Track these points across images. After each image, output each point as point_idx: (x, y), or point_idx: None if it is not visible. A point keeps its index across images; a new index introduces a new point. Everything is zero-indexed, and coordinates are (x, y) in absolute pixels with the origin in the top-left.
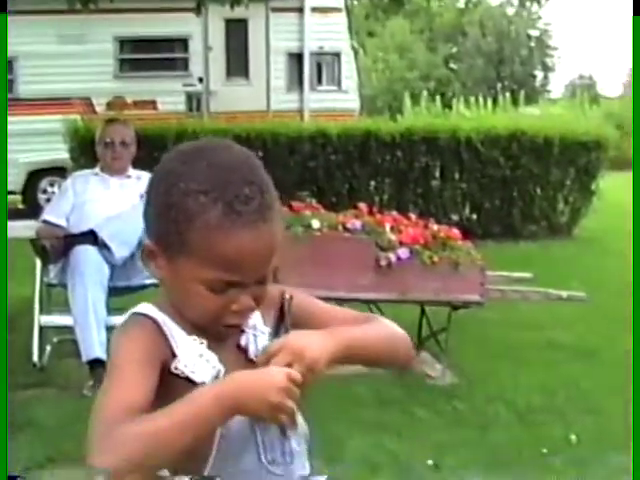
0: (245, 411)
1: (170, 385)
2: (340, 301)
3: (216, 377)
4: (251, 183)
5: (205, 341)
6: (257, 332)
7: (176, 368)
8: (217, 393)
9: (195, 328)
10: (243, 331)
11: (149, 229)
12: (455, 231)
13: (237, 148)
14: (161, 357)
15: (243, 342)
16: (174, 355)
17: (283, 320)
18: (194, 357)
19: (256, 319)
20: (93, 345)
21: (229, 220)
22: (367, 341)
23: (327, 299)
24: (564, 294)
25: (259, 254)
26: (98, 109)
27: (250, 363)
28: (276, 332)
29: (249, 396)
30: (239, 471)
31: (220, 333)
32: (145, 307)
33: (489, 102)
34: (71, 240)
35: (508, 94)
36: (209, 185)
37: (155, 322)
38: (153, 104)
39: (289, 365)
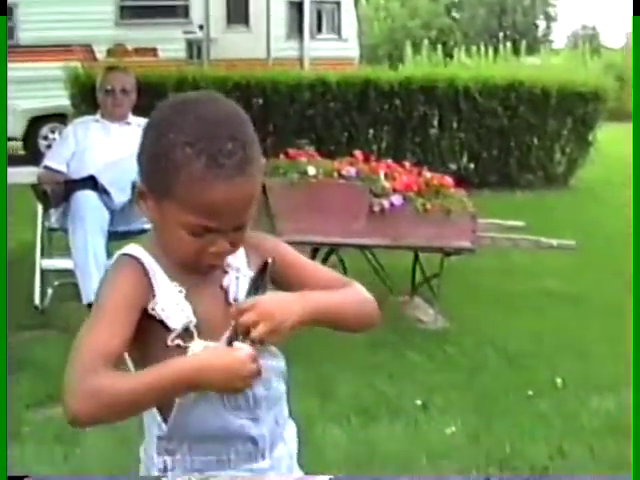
0: (209, 389)
1: (143, 323)
2: (334, 246)
3: (186, 328)
4: (235, 138)
5: (184, 290)
6: (240, 274)
7: (153, 309)
8: (184, 374)
9: (178, 267)
10: (227, 272)
11: (141, 171)
12: (448, 179)
13: (225, 102)
14: (142, 301)
15: (225, 283)
16: (154, 296)
17: (264, 275)
18: (171, 303)
19: (240, 262)
20: (93, 288)
21: (211, 173)
22: (336, 307)
23: (321, 244)
24: (554, 242)
25: (237, 205)
26: (99, 56)
27: (229, 305)
28: (255, 284)
29: (215, 380)
30: (207, 412)
31: (200, 270)
32: (132, 248)
33: (490, 52)
34: (72, 185)
35: (510, 44)
36: (195, 138)
37: (140, 263)
38: (154, 51)
39: (256, 323)
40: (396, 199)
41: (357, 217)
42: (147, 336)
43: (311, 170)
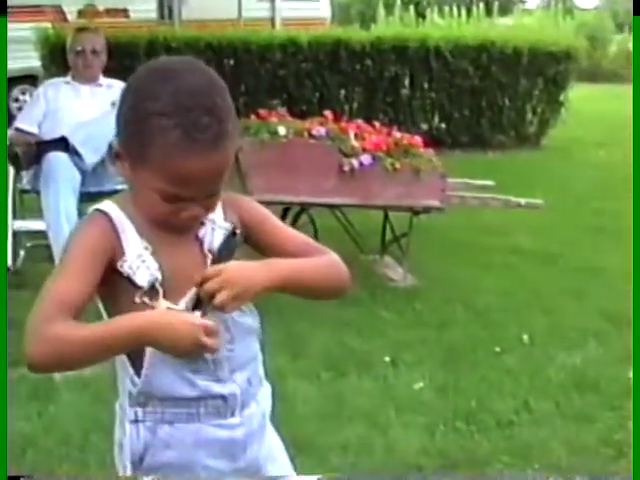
0: (158, 348)
1: (113, 280)
2: (305, 205)
3: (152, 285)
4: (210, 112)
5: (150, 247)
6: (215, 226)
7: (121, 267)
8: (134, 330)
9: (152, 224)
10: (203, 223)
11: (118, 133)
12: (417, 139)
13: (203, 72)
14: (107, 254)
15: (201, 234)
16: (123, 253)
17: (230, 244)
18: (138, 260)
19: (217, 215)
20: None
21: (184, 145)
22: (305, 276)
23: (292, 203)
24: (522, 201)
25: (209, 176)
26: (69, 17)
27: (203, 255)
28: (220, 253)
29: (163, 341)
30: (172, 372)
31: (174, 229)
32: (105, 204)
33: (463, 12)
34: (43, 147)
35: (482, 4)
36: (171, 109)
37: (109, 218)
38: (125, 12)
39: (219, 290)
40: (365, 158)
41: (327, 176)
42: (117, 293)
43: (281, 130)
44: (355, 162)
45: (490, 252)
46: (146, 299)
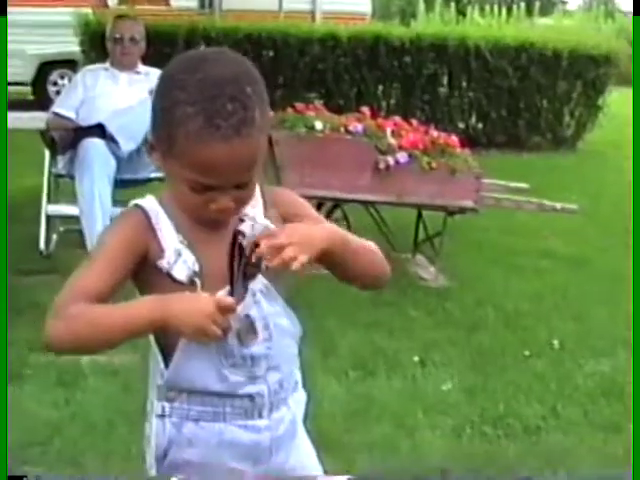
0: (173, 329)
1: (153, 277)
2: (339, 201)
3: (191, 279)
4: (235, 99)
5: (186, 241)
6: (255, 223)
7: (160, 263)
8: (151, 309)
9: (190, 218)
10: (243, 220)
11: (152, 124)
12: (454, 138)
13: (235, 61)
14: (140, 249)
15: (241, 228)
16: (162, 250)
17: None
18: (175, 255)
19: (257, 210)
20: (97, 235)
21: (207, 132)
22: (357, 248)
23: (326, 198)
24: (558, 205)
25: (233, 165)
26: (110, 3)
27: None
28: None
29: (177, 318)
30: (204, 366)
31: (207, 224)
32: (146, 200)
33: (503, 11)
34: (80, 132)
35: (523, 4)
36: (196, 97)
37: (146, 213)
38: (166, 0)
39: (282, 247)
40: (401, 156)
41: (362, 173)
42: (156, 287)
43: (318, 124)
44: (391, 160)
45: (522, 255)
46: (187, 293)
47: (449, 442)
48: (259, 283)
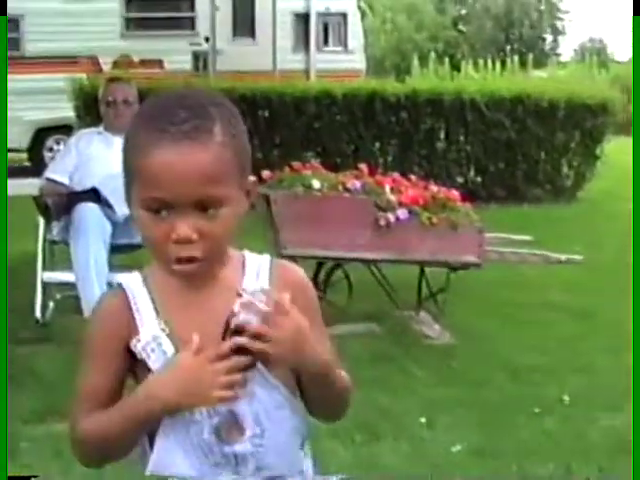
0: (178, 410)
1: (131, 362)
2: (339, 260)
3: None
4: (190, 108)
5: (167, 328)
6: (255, 301)
7: (135, 347)
8: (138, 407)
9: (173, 283)
10: (240, 294)
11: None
12: (454, 192)
13: (206, 91)
14: (123, 337)
15: (234, 308)
16: (137, 332)
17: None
18: (153, 342)
19: (253, 284)
20: (94, 301)
21: (157, 137)
22: (334, 378)
23: (326, 258)
24: (562, 257)
25: (184, 172)
26: (105, 68)
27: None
28: None
29: (187, 401)
30: (184, 463)
31: (175, 271)
32: (130, 277)
33: (497, 65)
34: (74, 197)
35: (517, 57)
36: (152, 114)
37: (126, 297)
38: (160, 63)
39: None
40: (402, 213)
41: (362, 231)
42: (136, 373)
43: (315, 183)
44: (391, 216)
45: (526, 308)
46: None
47: None
48: (255, 370)
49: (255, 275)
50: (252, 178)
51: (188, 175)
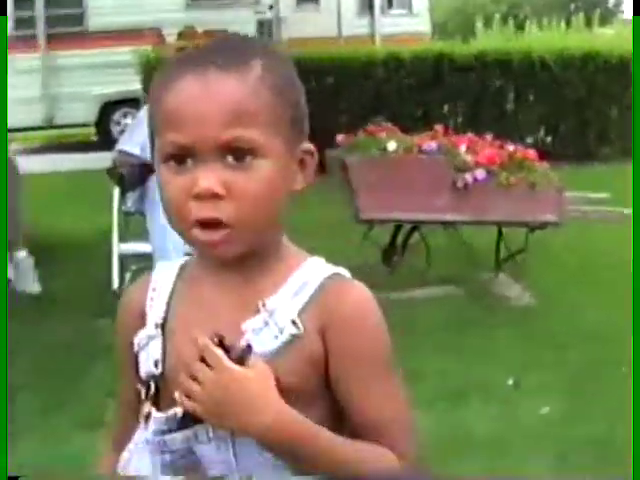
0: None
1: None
2: (416, 223)
3: (147, 380)
4: (228, 46)
5: (167, 324)
6: (271, 320)
7: (134, 337)
8: None
9: (200, 266)
10: (258, 311)
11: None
12: (531, 152)
13: (254, 38)
14: (129, 336)
15: (246, 326)
16: (144, 324)
17: None
18: (146, 339)
19: (281, 304)
20: None
21: (182, 70)
22: (329, 458)
23: (403, 221)
24: None
25: (207, 106)
26: (169, 40)
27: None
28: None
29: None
30: None
31: (197, 243)
32: (169, 263)
33: (562, 24)
34: (148, 168)
35: (582, 14)
36: (188, 52)
37: (148, 284)
38: (224, 31)
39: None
40: (480, 173)
41: (440, 192)
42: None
43: (391, 145)
44: (469, 177)
45: (606, 268)
46: (143, 395)
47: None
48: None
49: (294, 291)
50: (310, 145)
51: (212, 110)
